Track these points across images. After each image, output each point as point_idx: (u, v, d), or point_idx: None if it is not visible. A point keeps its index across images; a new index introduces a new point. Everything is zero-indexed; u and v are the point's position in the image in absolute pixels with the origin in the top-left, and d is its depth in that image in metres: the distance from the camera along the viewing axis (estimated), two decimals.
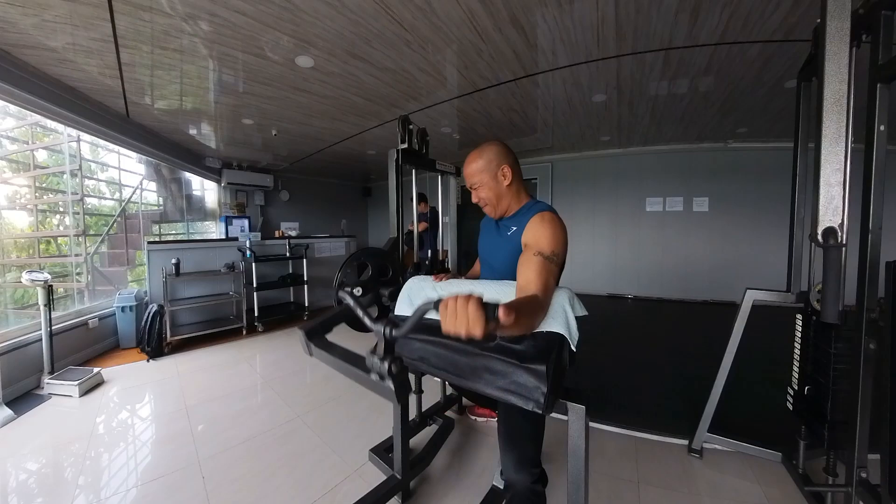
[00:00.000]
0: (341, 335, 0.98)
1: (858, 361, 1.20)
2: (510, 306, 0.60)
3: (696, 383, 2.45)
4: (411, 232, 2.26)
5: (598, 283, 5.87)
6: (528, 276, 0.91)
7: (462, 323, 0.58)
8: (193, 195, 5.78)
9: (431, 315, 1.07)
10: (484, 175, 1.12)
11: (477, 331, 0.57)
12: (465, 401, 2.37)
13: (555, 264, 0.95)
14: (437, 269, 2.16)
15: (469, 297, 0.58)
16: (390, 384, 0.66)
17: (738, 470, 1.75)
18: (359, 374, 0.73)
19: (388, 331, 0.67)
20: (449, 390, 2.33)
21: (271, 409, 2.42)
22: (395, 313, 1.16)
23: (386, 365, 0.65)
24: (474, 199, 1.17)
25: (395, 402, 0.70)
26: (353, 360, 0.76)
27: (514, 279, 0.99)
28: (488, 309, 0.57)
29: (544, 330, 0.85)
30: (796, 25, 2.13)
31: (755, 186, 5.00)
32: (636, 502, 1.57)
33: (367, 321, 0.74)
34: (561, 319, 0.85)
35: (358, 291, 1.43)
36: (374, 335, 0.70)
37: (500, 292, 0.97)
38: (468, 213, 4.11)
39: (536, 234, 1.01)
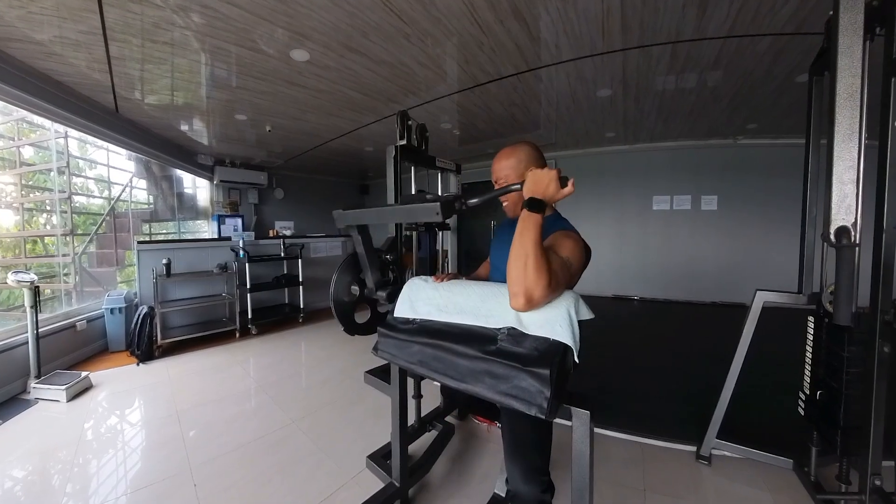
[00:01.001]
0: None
1: (872, 365, 1.20)
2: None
3: (704, 388, 2.45)
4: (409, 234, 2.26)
5: (603, 284, 5.86)
6: None
7: (548, 174, 0.88)
8: (185, 193, 5.77)
9: (432, 317, 1.07)
10: (512, 172, 1.17)
11: (554, 181, 0.88)
12: None
13: (568, 268, 0.94)
14: (437, 269, 2.16)
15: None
16: (439, 207, 0.90)
17: (747, 477, 1.75)
18: (401, 208, 0.96)
19: (460, 201, 0.94)
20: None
21: (265, 414, 2.42)
22: (395, 315, 1.16)
23: (450, 198, 0.91)
24: None
25: (437, 216, 0.92)
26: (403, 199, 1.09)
27: None
28: (563, 177, 0.89)
29: (550, 337, 0.85)
30: (808, 18, 2.12)
31: (765, 184, 5.00)
32: None
33: (433, 194, 0.99)
34: (567, 326, 0.85)
35: (355, 290, 1.44)
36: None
37: (504, 294, 0.97)
38: (468, 211, 4.10)
39: (556, 242, 1.01)
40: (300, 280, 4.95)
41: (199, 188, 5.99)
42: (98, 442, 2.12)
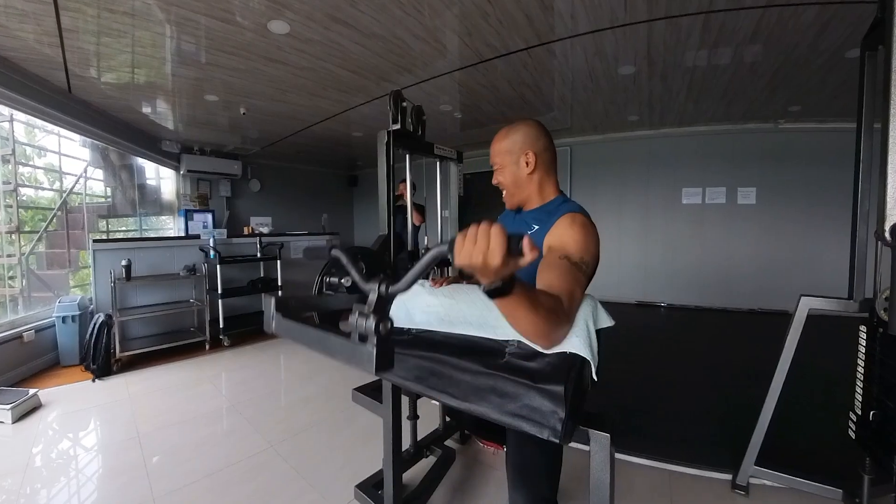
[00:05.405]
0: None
1: None
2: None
3: (741, 407, 2.45)
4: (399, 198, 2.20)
5: (626, 288, 5.87)
6: (550, 279, 0.88)
7: (480, 249, 0.59)
8: (147, 185, 5.78)
9: (431, 326, 1.07)
10: (506, 157, 1.17)
11: (496, 258, 0.58)
12: None
13: (582, 273, 0.94)
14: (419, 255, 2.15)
15: (491, 222, 0.61)
16: (371, 348, 0.63)
17: None
18: (332, 340, 0.71)
19: (383, 287, 0.66)
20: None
21: (239, 438, 2.42)
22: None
23: (373, 322, 0.63)
24: (494, 181, 1.24)
25: (373, 373, 0.67)
26: (328, 328, 0.76)
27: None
28: (512, 239, 0.59)
29: (565, 350, 0.85)
30: None
31: (811, 175, 5.00)
32: None
33: (356, 277, 0.76)
34: (584, 338, 0.84)
35: (347, 282, 1.41)
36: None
37: None
38: (471, 205, 4.11)
39: (563, 236, 1.01)
40: (279, 284, 4.95)
41: (163, 179, 5.99)
42: (48, 469, 2.12)
